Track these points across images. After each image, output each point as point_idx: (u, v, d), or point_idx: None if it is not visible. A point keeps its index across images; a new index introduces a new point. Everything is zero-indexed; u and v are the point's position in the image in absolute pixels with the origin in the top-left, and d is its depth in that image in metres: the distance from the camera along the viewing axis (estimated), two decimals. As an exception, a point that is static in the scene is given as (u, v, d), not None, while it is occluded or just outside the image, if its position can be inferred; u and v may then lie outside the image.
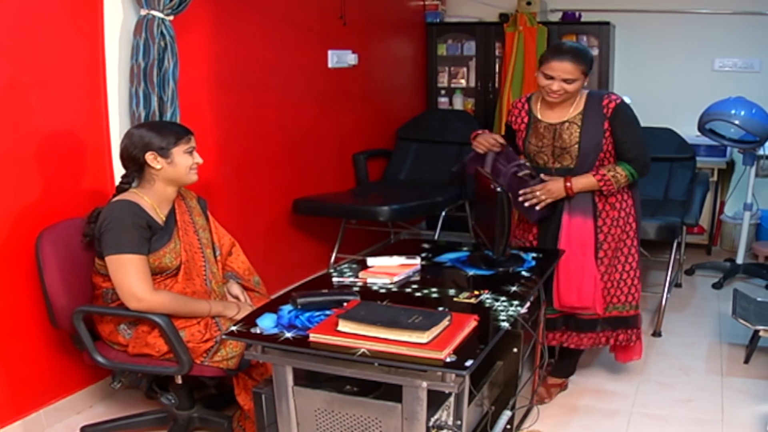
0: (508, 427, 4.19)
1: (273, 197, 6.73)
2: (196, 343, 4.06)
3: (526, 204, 4.71)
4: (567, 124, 4.71)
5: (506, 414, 4.16)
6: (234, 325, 3.46)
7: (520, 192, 4.71)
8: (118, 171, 4.84)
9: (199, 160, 4.24)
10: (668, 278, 6.36)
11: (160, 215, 4.18)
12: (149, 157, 4.12)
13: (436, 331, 3.11)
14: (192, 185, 4.37)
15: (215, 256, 4.51)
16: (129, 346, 4.15)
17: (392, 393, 3.16)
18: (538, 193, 4.69)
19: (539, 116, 4.82)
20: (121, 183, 4.29)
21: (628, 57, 8.69)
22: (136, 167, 4.20)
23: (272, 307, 3.62)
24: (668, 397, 5.01)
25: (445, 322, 3.19)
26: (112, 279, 4.02)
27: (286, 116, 6.78)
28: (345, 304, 3.51)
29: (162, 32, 4.81)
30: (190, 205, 4.47)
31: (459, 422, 3.36)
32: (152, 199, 4.18)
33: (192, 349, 4.05)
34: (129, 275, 3.95)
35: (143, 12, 4.79)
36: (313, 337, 3.20)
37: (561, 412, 4.80)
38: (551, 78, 4.62)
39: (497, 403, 4.12)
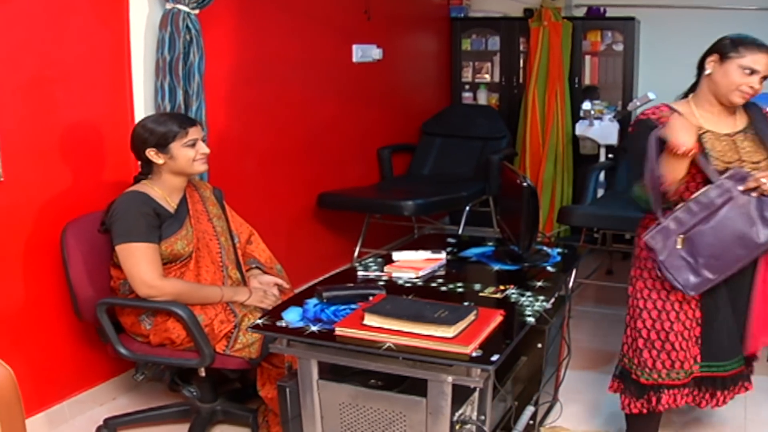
0: (531, 422, 4.19)
1: (296, 191, 6.73)
2: (215, 324, 4.10)
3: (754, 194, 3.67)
4: (743, 134, 3.87)
5: (529, 409, 4.17)
6: (260, 317, 3.47)
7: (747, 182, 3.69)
8: (143, 164, 4.87)
9: (204, 150, 4.23)
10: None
11: (170, 203, 4.21)
12: (150, 153, 4.15)
13: (462, 325, 3.11)
14: (214, 178, 4.38)
15: (233, 244, 4.52)
16: (151, 335, 4.16)
17: (417, 387, 3.16)
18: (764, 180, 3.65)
19: (710, 127, 3.85)
20: (138, 175, 4.33)
21: (653, 53, 8.63)
22: (143, 163, 4.26)
23: (297, 300, 3.62)
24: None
25: (471, 317, 3.19)
26: (122, 268, 4.06)
27: (309, 110, 6.78)
28: (371, 298, 3.51)
29: (188, 26, 4.81)
30: (204, 195, 4.48)
31: (483, 417, 3.34)
32: (162, 189, 4.21)
33: (210, 334, 4.08)
34: (138, 263, 3.99)
35: (169, 6, 4.79)
36: (339, 330, 3.21)
37: (584, 408, 4.78)
38: (754, 72, 3.74)
39: (520, 398, 4.12)
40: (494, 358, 2.96)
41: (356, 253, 7.32)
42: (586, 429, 4.53)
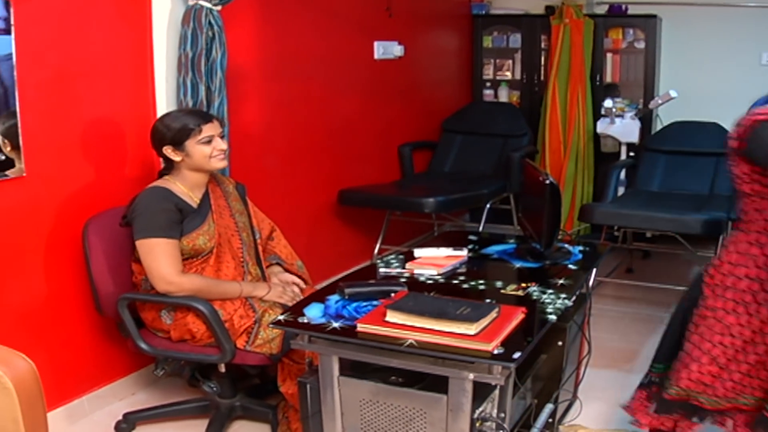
0: (550, 420, 4.18)
1: (317, 187, 6.74)
2: (235, 319, 4.11)
3: None
4: None
5: (549, 407, 4.16)
6: (282, 313, 3.48)
7: None
8: (165, 160, 4.89)
9: (222, 146, 4.23)
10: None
11: (193, 199, 4.23)
12: (167, 150, 4.18)
13: (484, 322, 3.10)
14: (235, 174, 4.39)
15: (255, 239, 4.52)
16: (171, 331, 4.17)
17: (437, 384, 3.16)
18: None
19: None
20: (161, 170, 4.35)
21: (675, 50, 8.59)
22: (164, 159, 4.28)
23: (319, 297, 3.62)
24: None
25: (493, 314, 3.18)
26: (142, 263, 4.07)
27: (331, 107, 6.78)
28: (392, 294, 3.51)
29: (210, 22, 4.81)
30: (226, 190, 4.49)
31: (503, 415, 3.34)
32: (184, 185, 4.23)
33: (230, 329, 4.08)
34: (158, 259, 4.00)
35: (191, 2, 4.80)
36: (361, 327, 3.21)
37: (603, 407, 4.76)
38: None
39: (540, 396, 4.11)
40: (516, 355, 2.95)
41: (376, 250, 7.33)
42: (605, 428, 4.51)
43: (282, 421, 4.25)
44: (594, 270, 4.37)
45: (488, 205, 7.32)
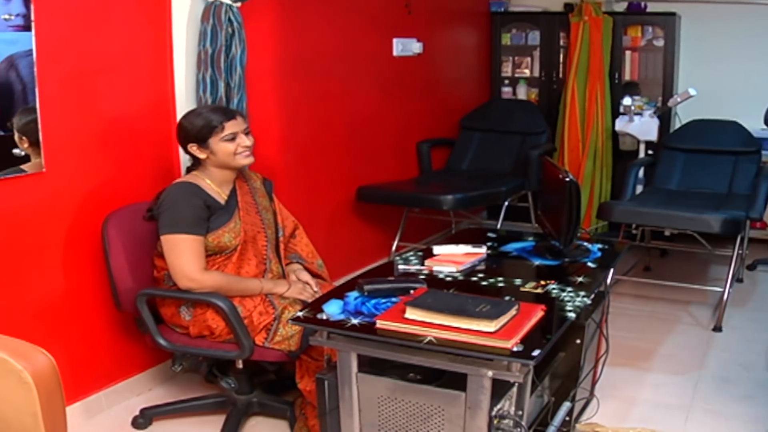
0: (567, 418, 4.18)
1: (336, 184, 6.75)
2: (254, 316, 4.11)
3: None
4: None
5: (566, 405, 4.15)
6: (300, 310, 3.48)
7: None
8: (184, 156, 4.87)
9: (246, 142, 4.22)
10: (730, 273, 6.27)
11: (221, 195, 4.23)
12: (192, 148, 4.19)
13: (503, 320, 3.10)
14: (256, 170, 4.39)
15: (278, 237, 4.52)
16: (190, 327, 4.18)
17: (455, 382, 3.16)
18: None
19: None
20: (190, 166, 4.37)
21: (694, 48, 8.56)
22: (190, 156, 4.29)
23: (338, 293, 3.63)
24: (728, 393, 4.95)
25: (513, 312, 3.18)
26: (165, 258, 4.08)
27: (350, 104, 6.79)
28: (412, 291, 3.50)
29: (230, 18, 4.82)
30: (254, 186, 4.49)
31: (520, 412, 3.34)
32: (212, 181, 4.24)
33: (249, 326, 4.09)
34: (182, 255, 4.01)
35: (211, -2, 4.81)
36: (380, 323, 3.21)
37: (620, 406, 4.76)
38: None
39: (557, 394, 4.11)
40: (535, 353, 2.94)
41: (394, 247, 7.33)
42: (622, 426, 4.51)
43: (299, 418, 4.26)
44: (612, 268, 4.36)
45: (506, 203, 7.31)
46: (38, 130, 4.12)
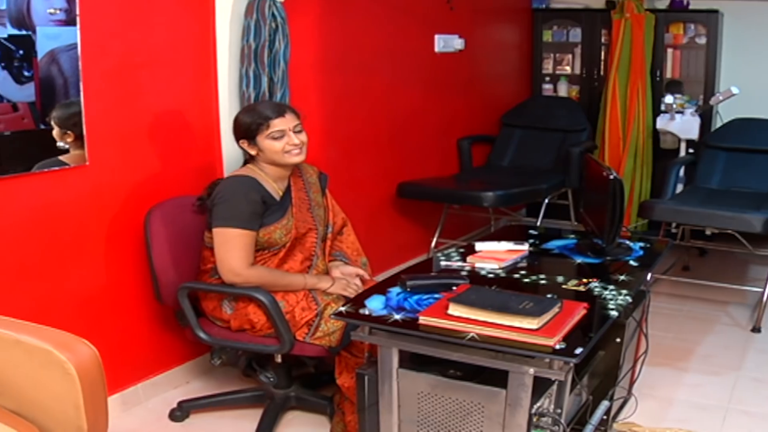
0: (605, 417, 4.17)
1: (377, 180, 6.75)
2: (297, 311, 4.11)
3: None
4: None
5: (604, 404, 4.14)
6: (343, 305, 3.49)
7: None
8: (227, 150, 4.91)
9: (294, 140, 4.18)
10: (771, 273, 6.25)
11: (277, 190, 4.22)
12: (243, 144, 4.21)
13: (546, 317, 3.10)
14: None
15: (326, 234, 4.52)
16: (231, 321, 4.19)
17: (495, 379, 3.15)
18: None
19: None
20: (248, 158, 4.35)
21: (737, 46, 8.48)
22: (243, 150, 4.29)
23: (380, 289, 3.63)
24: (765, 394, 4.92)
25: (556, 309, 3.18)
26: (215, 249, 4.08)
27: (392, 100, 6.79)
28: (454, 288, 3.50)
29: (273, 13, 4.83)
30: (309, 181, 4.48)
31: (559, 410, 3.34)
32: (267, 173, 4.23)
33: (291, 321, 4.09)
34: (232, 249, 4.01)
35: (255, -7, 4.82)
36: (423, 319, 3.21)
37: (657, 406, 4.74)
38: None
39: (595, 393, 4.10)
40: (578, 351, 2.94)
41: (433, 243, 7.33)
42: (659, 426, 4.49)
43: (337, 413, 4.25)
44: (654, 267, 4.34)
45: (546, 200, 7.30)
46: (82, 123, 4.15)
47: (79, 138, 4.14)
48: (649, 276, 4.27)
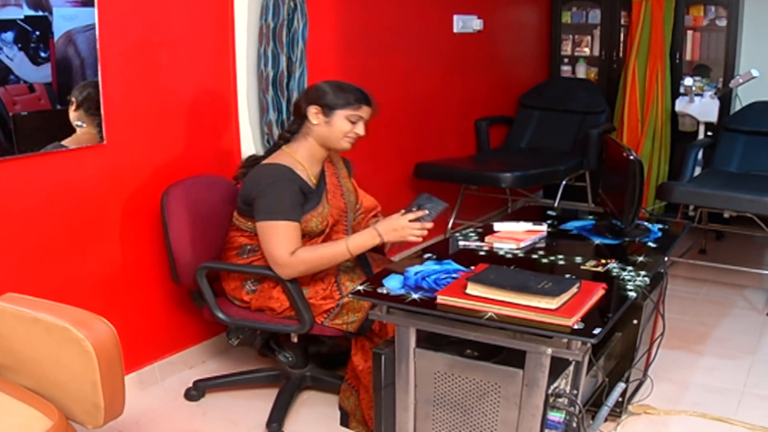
0: (620, 399, 4.17)
1: (395, 160, 6.76)
2: (317, 300, 4.09)
3: None
4: None
5: (620, 386, 4.14)
6: (360, 284, 3.49)
7: None
8: (245, 130, 4.91)
9: (360, 131, 4.19)
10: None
11: (311, 178, 4.18)
12: (312, 110, 4.12)
13: (565, 297, 3.10)
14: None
15: (355, 219, 4.50)
16: (252, 301, 4.19)
17: (512, 359, 3.15)
18: None
19: None
20: (282, 133, 4.32)
21: (757, 28, 8.38)
22: (299, 118, 4.22)
23: (398, 268, 3.64)
24: (781, 379, 4.93)
25: (574, 289, 3.17)
26: (261, 244, 4.04)
27: (410, 80, 6.78)
28: (473, 267, 3.50)
29: (292, -7, 4.83)
30: (338, 166, 4.47)
31: (576, 391, 3.34)
32: (303, 158, 4.16)
33: (313, 305, 4.08)
34: (279, 242, 3.95)
35: (274, -29, 4.81)
36: (441, 299, 3.21)
37: (672, 388, 4.73)
38: None
39: (611, 374, 4.10)
40: (596, 331, 2.93)
41: (450, 224, 7.32)
42: (674, 409, 4.49)
43: (346, 388, 4.24)
44: (672, 248, 4.33)
45: (564, 182, 7.28)
46: (99, 102, 4.15)
47: (96, 117, 4.15)
48: (666, 258, 4.26)
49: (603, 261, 3.81)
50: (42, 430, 2.78)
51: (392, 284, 3.44)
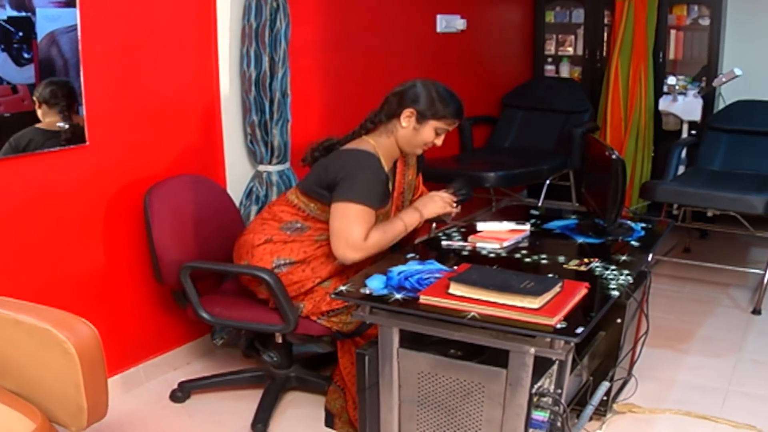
0: (605, 398, 4.17)
1: (377, 160, 6.72)
2: (317, 301, 4.08)
3: None
4: None
5: (604, 385, 4.15)
6: (344, 285, 3.48)
7: None
8: (228, 130, 4.91)
9: (438, 143, 4.18)
10: (772, 255, 6.25)
11: (386, 171, 4.14)
12: (406, 113, 4.10)
13: (547, 296, 3.10)
14: (297, 146, 4.39)
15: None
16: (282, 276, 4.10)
17: (495, 358, 3.15)
18: None
19: None
20: (366, 121, 4.28)
21: (740, 27, 8.41)
22: (389, 112, 4.18)
23: (381, 269, 3.63)
24: (765, 376, 4.92)
25: (557, 289, 3.18)
26: (334, 224, 3.94)
27: (392, 80, 6.71)
28: (455, 267, 3.50)
29: (274, -7, 4.83)
30: (408, 163, 4.42)
31: (560, 391, 3.34)
32: (382, 153, 4.13)
33: (322, 299, 4.05)
34: (356, 225, 3.89)
35: (256, -28, 4.81)
36: (424, 299, 3.21)
37: (657, 387, 4.74)
38: None
39: (596, 374, 4.11)
40: (579, 330, 2.94)
41: (434, 224, 7.31)
42: (659, 407, 4.50)
43: (333, 389, 4.23)
44: (655, 247, 4.34)
45: (548, 181, 7.29)
46: (82, 103, 4.15)
47: (70, 117, 4.15)
48: (650, 257, 4.26)
49: (586, 260, 3.81)
50: (24, 432, 2.78)
51: (375, 284, 3.43)
